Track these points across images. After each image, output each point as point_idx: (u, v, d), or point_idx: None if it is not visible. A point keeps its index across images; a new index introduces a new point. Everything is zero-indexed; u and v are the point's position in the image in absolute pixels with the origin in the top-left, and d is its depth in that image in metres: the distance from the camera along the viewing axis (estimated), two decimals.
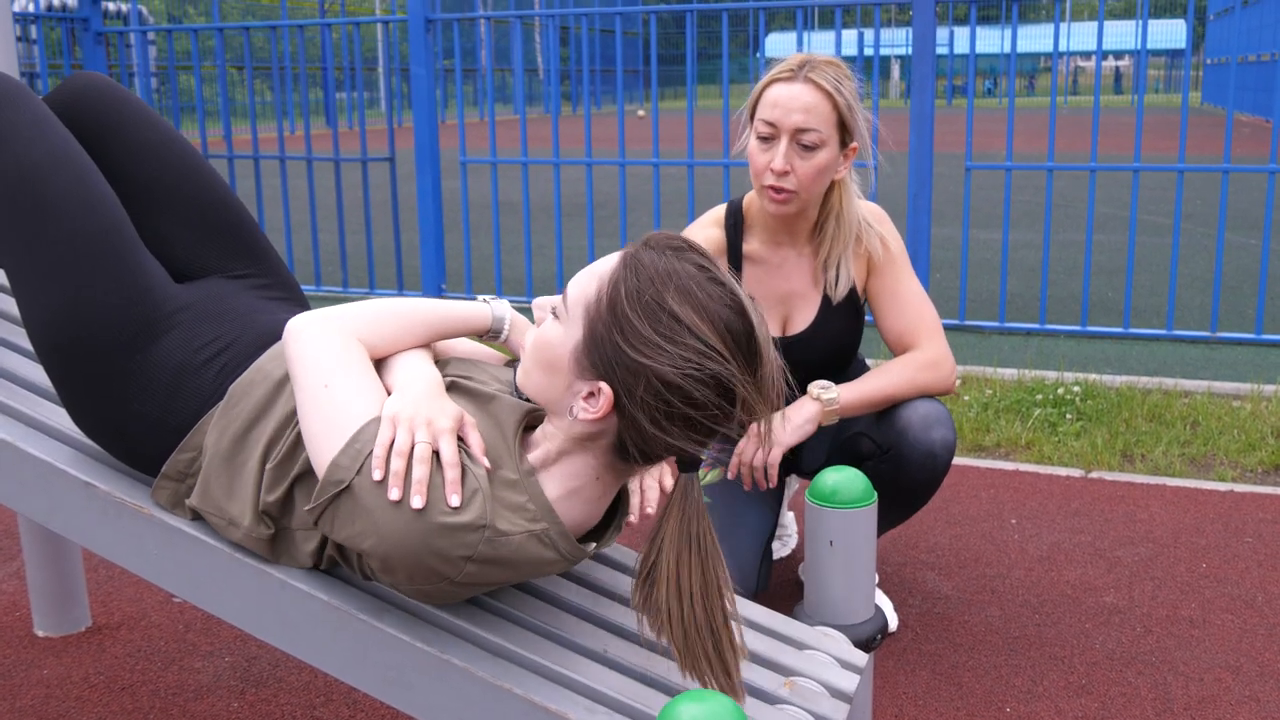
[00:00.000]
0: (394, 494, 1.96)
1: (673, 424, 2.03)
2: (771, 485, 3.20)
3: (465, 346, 2.54)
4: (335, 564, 2.27)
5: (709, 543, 2.14)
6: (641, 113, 34.38)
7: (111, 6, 18.94)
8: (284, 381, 2.30)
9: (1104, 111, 23.37)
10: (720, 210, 3.51)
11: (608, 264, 2.09)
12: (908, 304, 3.40)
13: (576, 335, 2.06)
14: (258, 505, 2.23)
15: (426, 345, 2.34)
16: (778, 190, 3.22)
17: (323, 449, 2.06)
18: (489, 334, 2.47)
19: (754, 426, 2.40)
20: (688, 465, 2.12)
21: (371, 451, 2.00)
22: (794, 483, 3.97)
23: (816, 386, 3.21)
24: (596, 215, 8.95)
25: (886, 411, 3.32)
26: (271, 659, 3.35)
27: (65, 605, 3.54)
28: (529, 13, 8.59)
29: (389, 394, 2.17)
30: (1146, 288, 8.65)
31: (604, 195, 11.61)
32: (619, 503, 2.37)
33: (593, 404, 2.05)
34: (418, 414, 2.06)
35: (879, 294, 3.43)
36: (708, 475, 3.52)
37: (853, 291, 3.44)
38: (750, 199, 3.48)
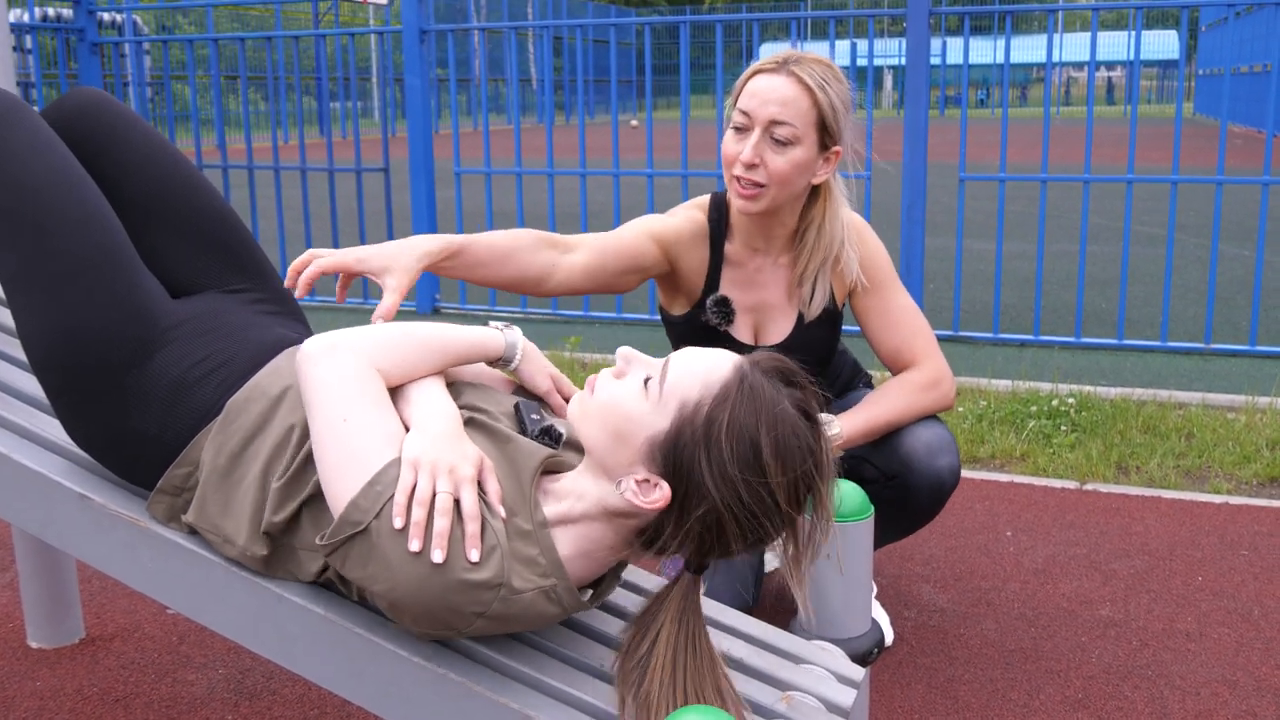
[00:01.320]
0: (414, 545, 1.95)
1: (709, 541, 2.05)
2: None
3: (472, 370, 2.53)
4: (333, 583, 2.27)
5: (705, 645, 2.14)
6: (634, 123, 34.42)
7: (106, 17, 18.93)
8: (280, 397, 2.29)
9: (1097, 122, 23.41)
10: (705, 198, 3.41)
11: (718, 371, 2.05)
12: (899, 321, 3.35)
13: (661, 426, 2.03)
14: (258, 523, 2.22)
15: (438, 373, 2.33)
16: (745, 183, 3.12)
17: (340, 485, 2.04)
18: (500, 361, 2.45)
19: None
20: (696, 567, 2.12)
21: (391, 496, 1.99)
22: None
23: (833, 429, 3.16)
24: (590, 225, 8.93)
25: (889, 436, 3.29)
26: (265, 671, 3.34)
27: (59, 617, 3.53)
28: (523, 24, 8.57)
29: (406, 427, 2.15)
30: (1140, 299, 8.65)
31: (598, 205, 11.59)
32: None
33: (645, 493, 2.05)
34: (440, 459, 2.04)
35: (867, 313, 3.37)
36: None
37: (831, 302, 3.36)
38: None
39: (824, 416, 3.14)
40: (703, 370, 2.06)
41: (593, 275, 3.14)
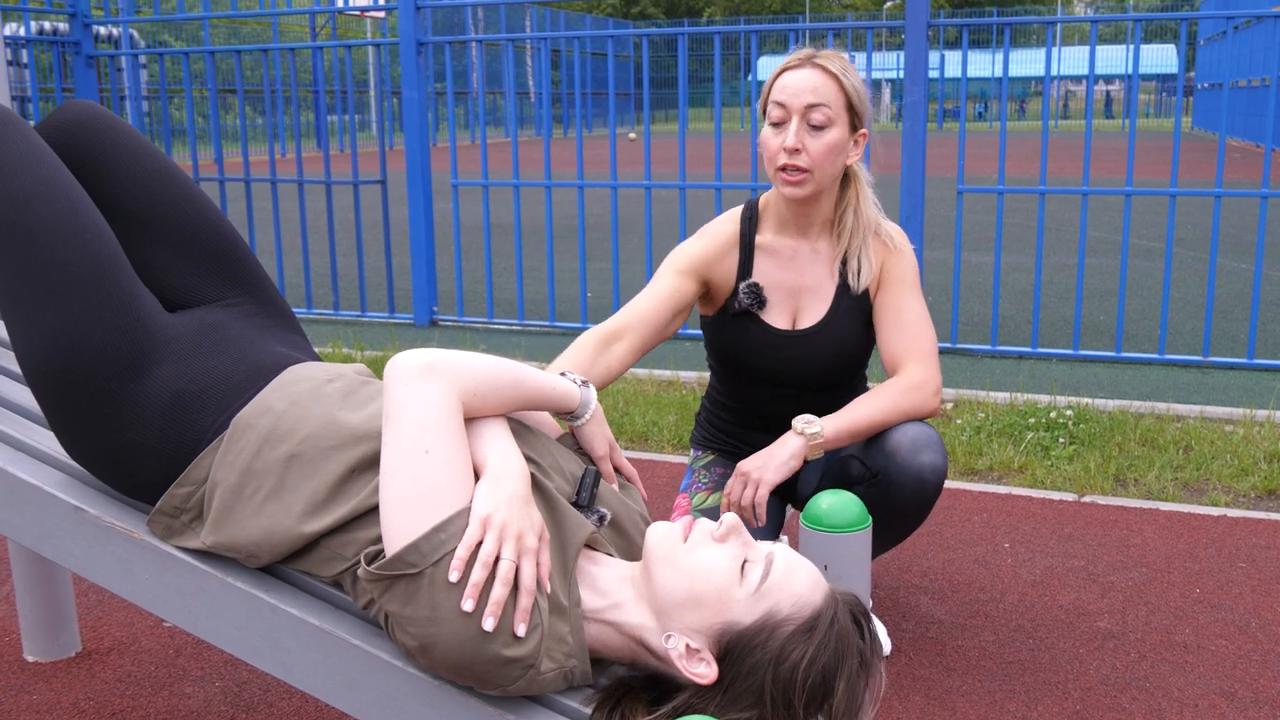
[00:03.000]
0: (468, 605, 1.96)
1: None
2: (760, 524, 3.19)
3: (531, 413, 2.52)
4: (339, 585, 2.26)
5: None
6: (632, 135, 34.45)
7: (103, 31, 18.95)
8: (286, 412, 2.29)
9: (1095, 136, 23.42)
10: (737, 210, 3.59)
11: (812, 596, 2.08)
12: (908, 324, 3.40)
13: (742, 619, 2.05)
14: (281, 531, 2.21)
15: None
16: (790, 170, 3.29)
17: (403, 519, 2.04)
18: (569, 415, 2.45)
19: (740, 466, 2.43)
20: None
21: (453, 549, 1.99)
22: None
23: (801, 421, 3.21)
24: (588, 238, 8.93)
25: (876, 436, 3.32)
26: (262, 684, 3.34)
27: (55, 630, 3.52)
28: (521, 35, 8.59)
29: (475, 470, 2.14)
30: (1139, 312, 8.66)
31: (595, 218, 11.61)
32: None
33: (690, 660, 2.07)
34: (509, 524, 2.04)
35: (884, 310, 3.44)
36: (708, 499, 3.52)
37: (865, 298, 3.46)
38: (766, 198, 3.55)
39: (807, 417, 3.18)
40: (800, 588, 2.08)
41: (644, 348, 3.36)
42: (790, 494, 3.64)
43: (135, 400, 2.34)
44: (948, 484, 4.98)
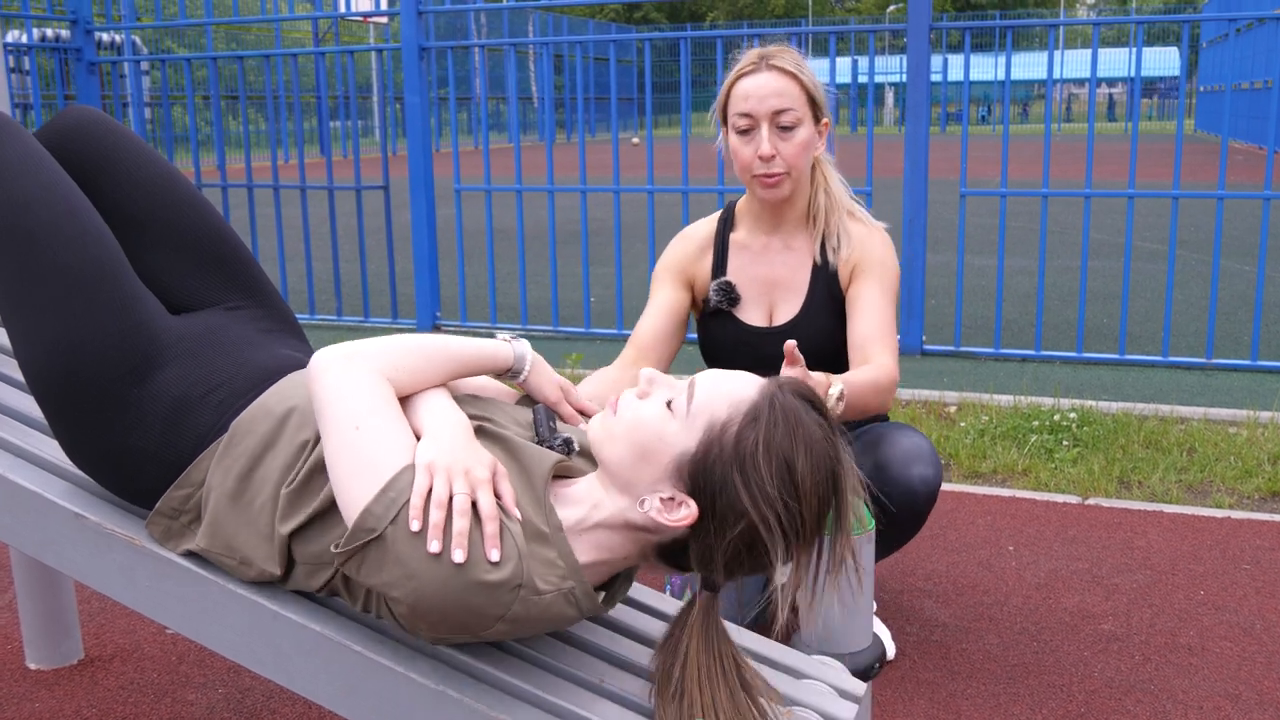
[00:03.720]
0: (434, 546, 1.94)
1: (732, 561, 2.07)
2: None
3: (475, 382, 2.52)
4: (335, 593, 2.26)
5: (733, 659, 2.15)
6: (635, 140, 34.47)
7: (106, 37, 18.96)
8: (287, 415, 2.28)
9: (1097, 139, 23.32)
10: (716, 213, 3.61)
11: (745, 391, 2.07)
12: (877, 316, 3.34)
13: (688, 445, 2.04)
14: (272, 539, 2.21)
15: (445, 383, 2.32)
16: (768, 176, 3.30)
17: (354, 494, 2.03)
18: (509, 373, 2.45)
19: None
20: (712, 585, 2.12)
21: (407, 501, 1.98)
22: None
23: (835, 387, 2.96)
24: (591, 242, 8.94)
25: (867, 447, 3.32)
26: (265, 691, 3.33)
27: (58, 638, 3.51)
28: (523, 40, 8.58)
29: (417, 436, 2.14)
30: (1142, 314, 8.65)
31: (598, 223, 11.61)
32: None
33: (669, 511, 2.06)
34: (455, 463, 2.04)
35: (856, 298, 3.38)
36: None
37: (837, 283, 3.43)
38: (742, 202, 3.56)
39: (839, 393, 3.03)
40: (730, 391, 2.07)
41: (663, 365, 3.43)
42: None
43: (137, 404, 2.34)
44: (951, 487, 4.98)
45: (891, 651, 3.50)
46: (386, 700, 2.18)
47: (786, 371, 2.57)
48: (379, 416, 2.10)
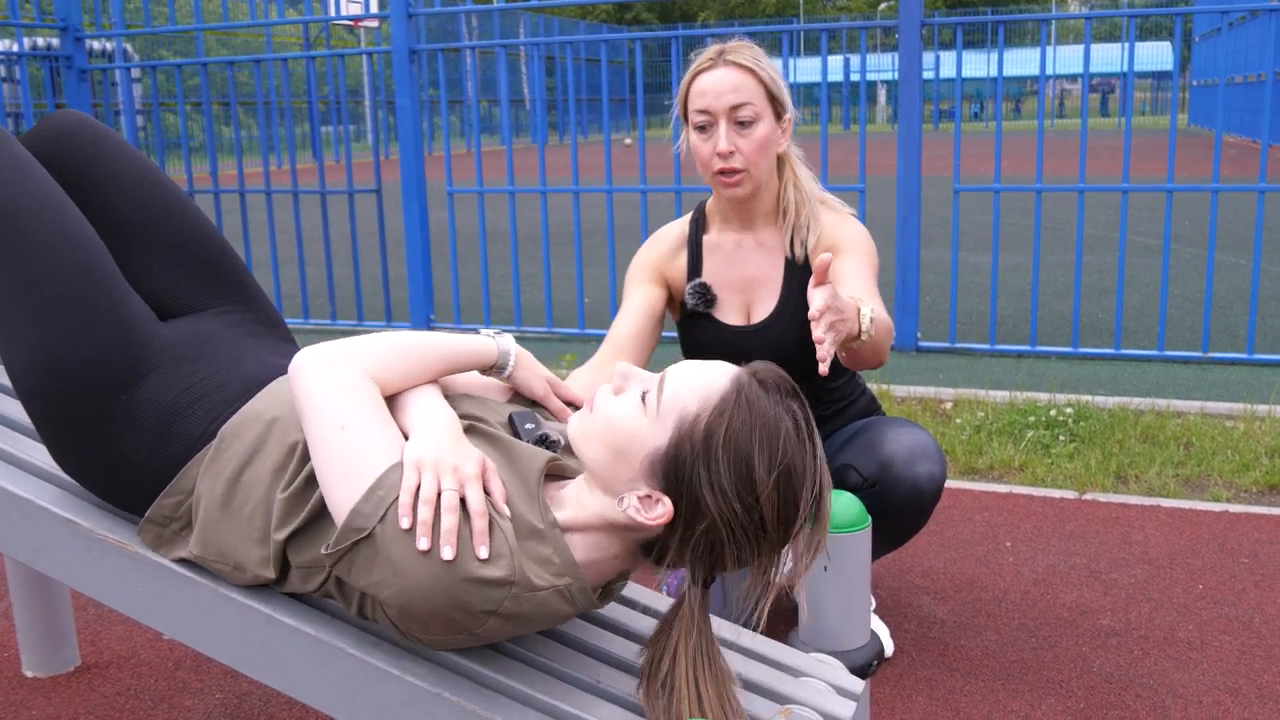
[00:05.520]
0: (423, 544, 1.93)
1: (710, 556, 2.05)
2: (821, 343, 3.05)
3: (466, 379, 2.51)
4: (330, 596, 2.25)
5: (717, 655, 2.15)
6: (629, 141, 34.42)
7: (97, 45, 18.96)
8: (275, 420, 2.27)
9: (1091, 134, 23.34)
10: (687, 215, 3.59)
11: (716, 383, 2.05)
12: (862, 281, 3.24)
13: (660, 442, 2.03)
14: (266, 545, 2.20)
15: (434, 381, 2.31)
16: (728, 173, 3.27)
17: (341, 494, 2.02)
18: (494, 369, 2.44)
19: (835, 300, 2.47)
20: (703, 581, 2.11)
21: (395, 499, 1.97)
22: None
23: (867, 319, 2.86)
24: (585, 243, 8.94)
25: (873, 443, 3.30)
26: (262, 696, 3.32)
27: (54, 645, 3.50)
28: (514, 41, 8.59)
29: (405, 435, 2.13)
30: (1137, 308, 8.64)
31: (591, 224, 11.59)
32: None
33: (647, 509, 2.04)
34: (443, 459, 2.03)
35: (836, 273, 3.26)
36: None
37: (808, 271, 3.37)
38: (711, 201, 3.54)
39: (869, 316, 2.91)
40: (700, 383, 2.05)
41: (641, 364, 3.31)
42: None
43: (126, 411, 2.33)
44: (948, 483, 4.97)
45: (890, 649, 3.49)
46: (382, 703, 2.17)
47: (814, 293, 2.52)
48: (364, 415, 2.09)
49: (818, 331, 2.49)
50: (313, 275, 10.37)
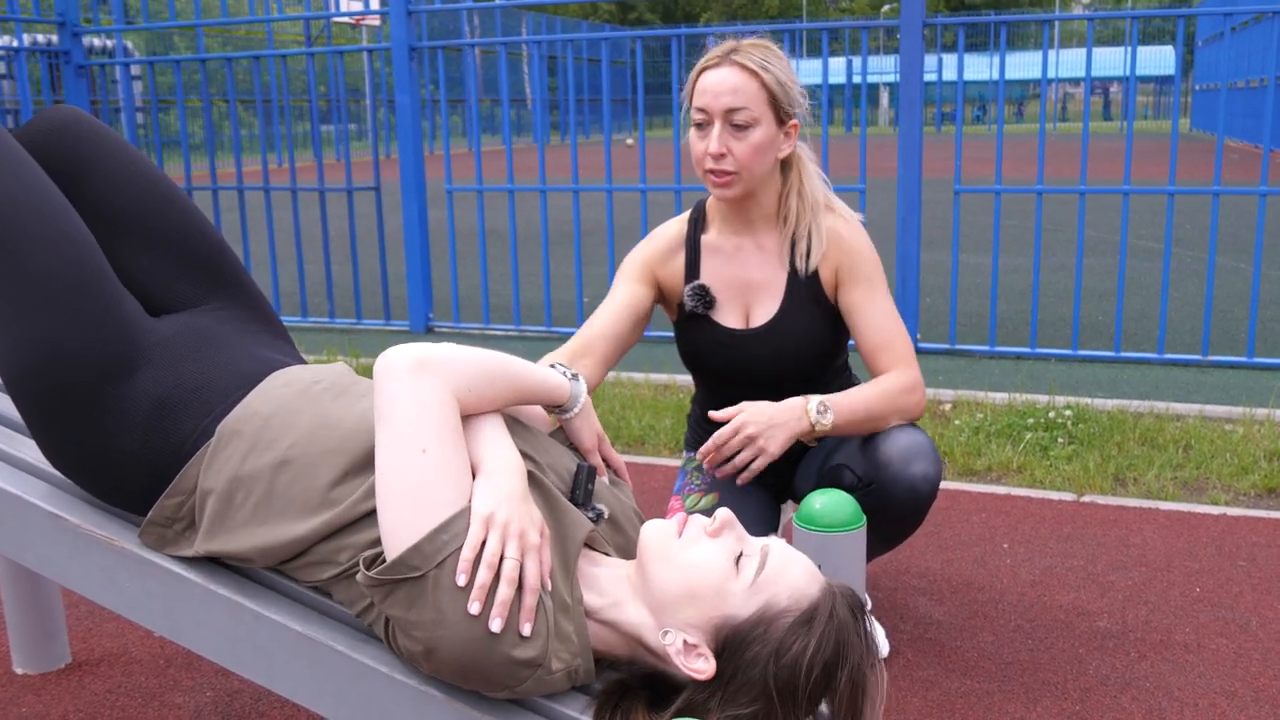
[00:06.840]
0: (475, 609, 1.94)
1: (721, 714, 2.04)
2: (741, 484, 3.19)
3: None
4: (324, 592, 2.23)
5: None
6: (630, 141, 34.43)
7: (98, 43, 18.95)
8: (272, 417, 2.26)
9: (1093, 138, 23.33)
10: (688, 212, 3.57)
11: (808, 588, 2.06)
12: (884, 325, 3.33)
13: (739, 613, 2.03)
14: (273, 535, 2.18)
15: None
16: (718, 174, 3.25)
17: (402, 521, 2.00)
18: (557, 408, 2.44)
19: (746, 418, 2.49)
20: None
21: (457, 550, 1.97)
22: (788, 509, 3.93)
23: (815, 408, 3.13)
24: (584, 243, 8.93)
25: (868, 443, 3.28)
26: (253, 694, 3.31)
27: (44, 642, 3.49)
28: (515, 39, 8.56)
29: (472, 468, 2.11)
30: (1137, 311, 8.63)
31: (591, 223, 11.58)
32: None
33: (688, 656, 2.04)
34: (511, 522, 2.02)
35: (852, 306, 3.36)
36: (701, 500, 3.49)
37: (816, 283, 3.38)
38: (710, 200, 3.53)
39: (820, 403, 3.09)
40: (795, 580, 2.05)
41: (609, 361, 3.35)
42: (787, 489, 3.61)
43: (117, 407, 2.31)
44: (946, 485, 4.96)
45: (886, 649, 3.48)
46: (370, 701, 2.16)
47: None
48: (445, 445, 2.06)
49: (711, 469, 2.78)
50: (311, 273, 10.35)
